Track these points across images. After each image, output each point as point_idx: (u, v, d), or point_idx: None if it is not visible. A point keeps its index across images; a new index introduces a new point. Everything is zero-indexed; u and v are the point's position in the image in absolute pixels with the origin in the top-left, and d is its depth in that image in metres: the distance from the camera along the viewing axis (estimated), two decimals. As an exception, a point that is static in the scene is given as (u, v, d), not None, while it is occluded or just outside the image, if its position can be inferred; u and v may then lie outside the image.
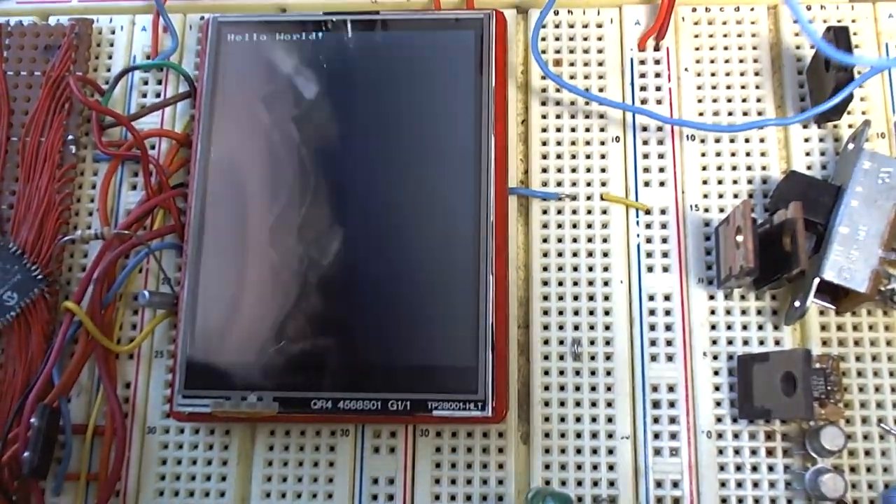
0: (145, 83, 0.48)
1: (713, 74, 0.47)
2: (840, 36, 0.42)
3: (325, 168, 0.43)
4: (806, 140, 0.45)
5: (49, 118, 0.45)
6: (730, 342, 0.42)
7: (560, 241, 0.44)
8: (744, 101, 0.46)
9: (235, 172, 0.43)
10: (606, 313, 0.43)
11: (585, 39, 0.48)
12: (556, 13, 0.48)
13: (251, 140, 0.44)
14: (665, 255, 0.44)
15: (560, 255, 0.44)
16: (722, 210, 0.44)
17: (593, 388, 0.42)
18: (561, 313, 0.43)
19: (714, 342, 0.43)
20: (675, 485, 0.41)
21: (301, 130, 0.44)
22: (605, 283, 0.44)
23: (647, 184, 0.45)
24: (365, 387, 0.40)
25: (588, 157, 0.46)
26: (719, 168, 0.45)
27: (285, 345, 0.41)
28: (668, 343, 0.43)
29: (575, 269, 0.44)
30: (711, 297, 0.43)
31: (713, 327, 0.43)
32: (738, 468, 0.41)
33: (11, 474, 0.40)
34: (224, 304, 0.42)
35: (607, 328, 0.43)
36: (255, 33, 0.45)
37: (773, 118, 0.45)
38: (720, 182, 0.45)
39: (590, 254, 0.44)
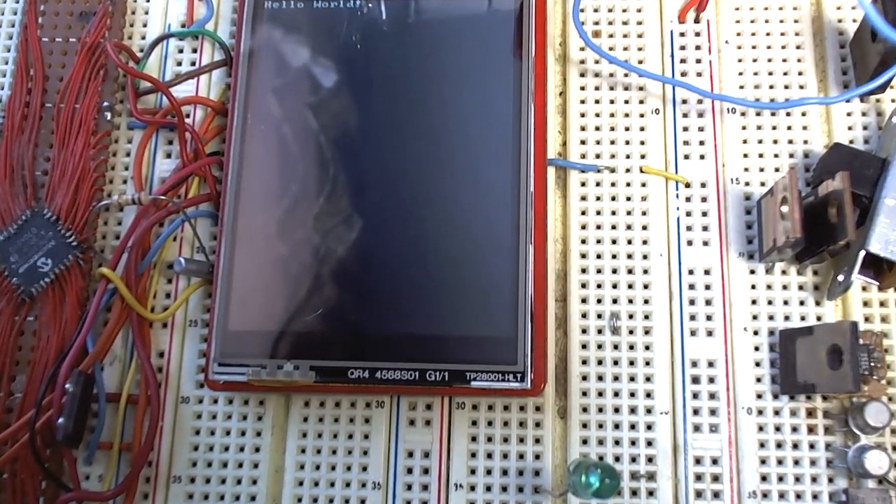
0: (180, 51, 0.48)
1: (754, 47, 0.46)
2: (888, 5, 0.42)
3: (364, 136, 0.43)
4: (848, 114, 0.44)
5: (84, 85, 0.45)
6: (771, 317, 0.42)
7: (599, 213, 0.44)
8: (785, 74, 0.45)
9: (272, 140, 0.43)
10: (645, 287, 0.43)
11: (625, 11, 0.47)
12: (596, -16, 0.47)
13: (288, 108, 0.43)
14: (705, 228, 0.43)
15: (599, 227, 0.44)
16: (763, 184, 0.44)
17: (632, 363, 0.42)
18: (599, 287, 0.43)
19: (755, 317, 0.42)
20: (715, 461, 0.40)
21: (340, 98, 0.43)
22: (645, 257, 0.43)
23: (686, 156, 0.44)
24: (403, 357, 0.40)
25: (627, 129, 0.45)
26: (760, 141, 0.44)
27: (322, 313, 0.40)
28: (708, 318, 0.42)
29: (614, 242, 0.43)
30: (752, 272, 0.42)
31: (754, 302, 0.42)
32: (779, 445, 0.40)
33: (44, 441, 0.40)
34: (260, 272, 0.41)
35: (646, 302, 0.42)
36: (293, 0, 0.45)
37: (816, 97, 0.45)
38: (761, 155, 0.44)
39: (629, 227, 0.43)
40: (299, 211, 0.42)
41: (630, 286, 0.43)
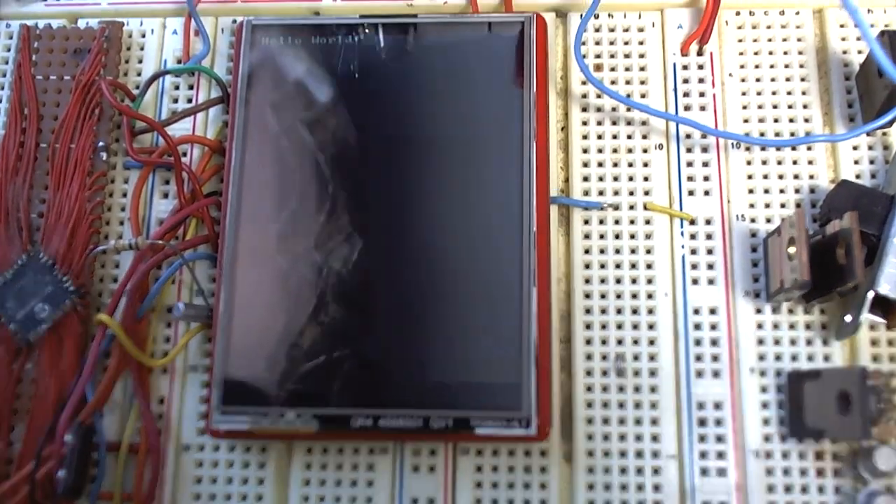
0: (176, 88, 0.47)
1: (758, 80, 0.45)
2: (894, 40, 0.41)
3: (361, 177, 0.42)
4: (854, 148, 0.44)
5: (79, 124, 0.44)
6: (778, 357, 0.41)
7: (602, 251, 0.43)
8: (790, 107, 0.45)
9: (270, 180, 0.42)
10: (650, 327, 0.42)
11: (626, 44, 0.46)
12: (597, 17, 0.47)
13: (286, 146, 0.43)
14: (710, 266, 0.43)
15: (602, 266, 0.43)
16: (769, 220, 0.43)
17: (637, 405, 0.41)
18: (604, 327, 0.42)
19: (762, 357, 0.41)
20: (723, 505, 0.40)
21: (336, 137, 0.43)
22: (649, 296, 0.42)
23: (691, 193, 0.44)
24: (406, 404, 0.39)
25: (630, 164, 0.44)
26: (765, 177, 0.44)
27: (324, 360, 0.40)
28: (715, 358, 0.42)
29: (618, 281, 0.43)
30: (759, 311, 0.42)
31: (761, 342, 0.42)
32: (788, 489, 0.40)
33: (45, 494, 0.40)
34: (261, 317, 0.41)
35: (651, 343, 0.42)
36: (290, 36, 0.44)
37: (822, 135, 0.44)
38: (766, 191, 0.44)
39: (633, 265, 0.43)
40: (300, 254, 0.41)
41: (635, 326, 0.42)
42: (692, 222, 0.43)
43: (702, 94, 0.45)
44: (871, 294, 0.39)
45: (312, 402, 0.39)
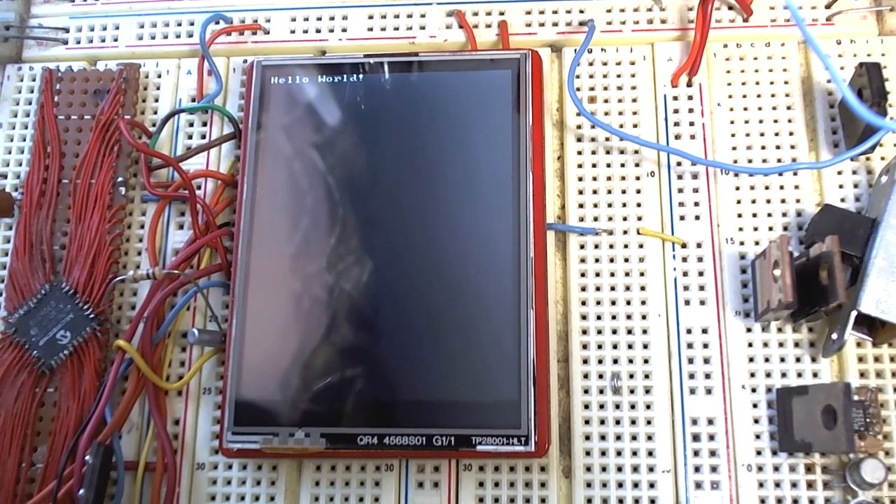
0: (191, 125, 0.49)
1: (745, 109, 0.47)
2: (872, 72, 0.43)
3: (367, 206, 0.44)
4: (839, 173, 0.46)
5: (99, 161, 0.47)
6: (768, 374, 0.43)
7: (598, 275, 0.45)
8: (776, 134, 0.47)
9: (280, 211, 0.45)
10: (645, 347, 0.44)
11: (619, 76, 0.48)
12: (590, 51, 0.49)
13: (295, 179, 0.45)
14: (702, 288, 0.45)
15: (598, 289, 0.45)
16: (757, 243, 0.45)
17: (633, 422, 0.43)
18: (600, 347, 0.44)
19: (752, 375, 0.43)
20: (717, 518, 0.41)
21: (343, 169, 0.45)
22: (643, 317, 0.44)
23: (682, 218, 0.46)
24: (410, 422, 0.41)
25: (624, 192, 0.46)
26: (753, 202, 0.46)
27: (331, 381, 0.42)
28: (707, 376, 0.43)
29: (613, 303, 0.45)
30: (749, 330, 0.44)
31: (751, 360, 0.43)
32: (779, 501, 0.41)
33: (66, 511, 0.42)
34: (271, 341, 0.43)
35: (646, 362, 0.44)
36: (298, 76, 0.47)
37: (807, 162, 0.46)
38: (755, 215, 0.45)
39: (627, 288, 0.45)
40: (307, 280, 0.43)
41: (630, 346, 0.44)
42: (683, 246, 0.45)
43: (691, 124, 0.47)
44: (854, 313, 0.40)
45: (320, 421, 0.41)
